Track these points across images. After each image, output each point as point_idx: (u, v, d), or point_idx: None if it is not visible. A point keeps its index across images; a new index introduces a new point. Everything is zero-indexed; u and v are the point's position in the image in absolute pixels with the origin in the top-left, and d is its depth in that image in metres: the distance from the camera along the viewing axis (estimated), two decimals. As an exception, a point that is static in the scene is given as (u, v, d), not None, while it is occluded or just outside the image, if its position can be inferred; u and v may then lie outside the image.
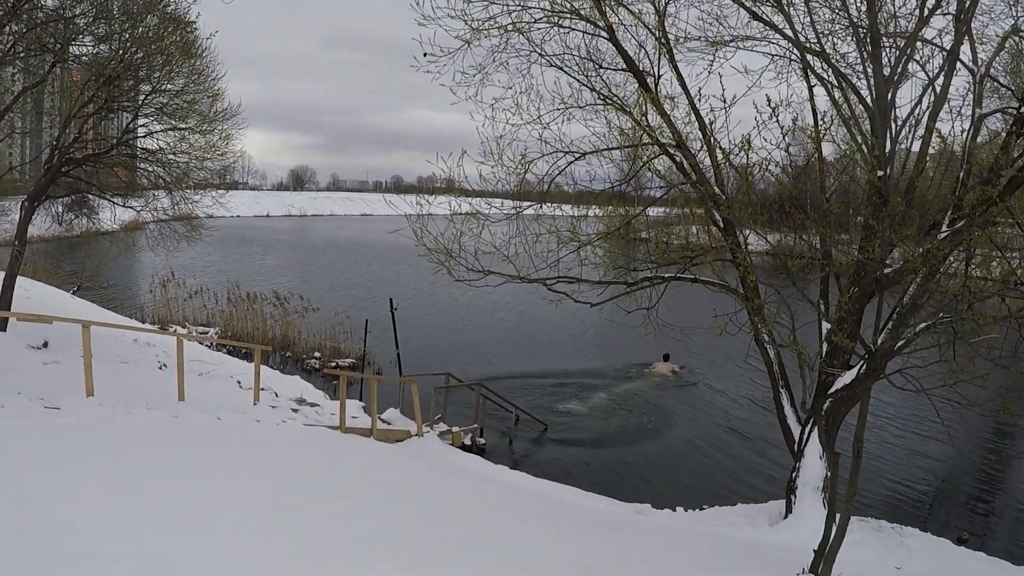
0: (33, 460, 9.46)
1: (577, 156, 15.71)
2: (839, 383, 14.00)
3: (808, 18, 14.24)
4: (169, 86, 22.55)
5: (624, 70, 15.51)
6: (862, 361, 13.20)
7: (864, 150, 13.40)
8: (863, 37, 13.55)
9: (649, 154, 15.86)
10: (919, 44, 13.95)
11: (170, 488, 9.28)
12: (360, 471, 14.40)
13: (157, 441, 12.38)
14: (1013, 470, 22.63)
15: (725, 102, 14.27)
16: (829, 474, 13.37)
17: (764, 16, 14.16)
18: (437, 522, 11.49)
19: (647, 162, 16.09)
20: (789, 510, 14.66)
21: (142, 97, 22.85)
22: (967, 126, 13.55)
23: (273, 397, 21.07)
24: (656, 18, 14.87)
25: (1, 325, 20.23)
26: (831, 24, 14.46)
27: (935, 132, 13.72)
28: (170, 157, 23.48)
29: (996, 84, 14.75)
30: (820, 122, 14.91)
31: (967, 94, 13.72)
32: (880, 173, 12.93)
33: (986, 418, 20.89)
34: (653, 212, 17.95)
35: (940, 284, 13.41)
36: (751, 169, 14.63)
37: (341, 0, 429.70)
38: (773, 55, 14.98)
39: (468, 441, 21.60)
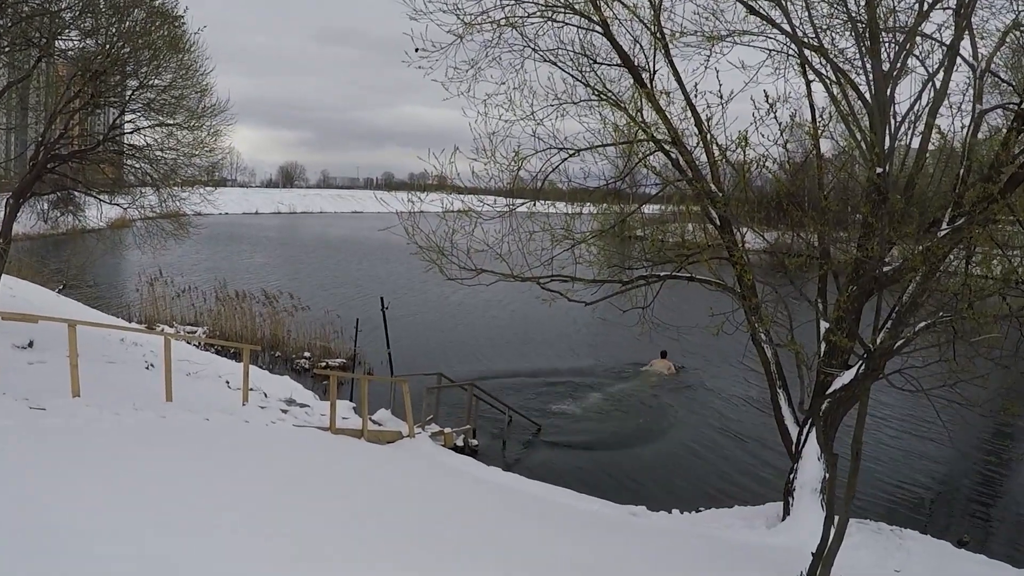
0: (19, 461, 9.40)
1: (571, 153, 15.66)
2: (837, 383, 13.96)
3: (806, 13, 14.19)
4: (156, 81, 22.49)
5: (619, 65, 15.45)
6: (861, 361, 13.17)
7: (863, 146, 13.34)
8: (862, 32, 13.50)
9: (644, 150, 15.80)
10: (919, 39, 13.89)
11: (159, 489, 9.25)
12: (353, 472, 14.38)
13: (145, 442, 12.35)
14: (1014, 472, 22.66)
15: (722, 98, 14.24)
16: (827, 475, 13.33)
17: (761, 10, 14.11)
18: (435, 523, 11.49)
19: (642, 159, 16.02)
20: (787, 512, 14.64)
21: (129, 92, 22.79)
22: (967, 122, 13.54)
23: (262, 398, 20.98)
24: (651, 12, 14.83)
25: (-15, 324, 20.10)
26: (829, 19, 14.42)
27: (935, 128, 13.68)
28: (157, 153, 23.41)
29: (997, 79, 14.72)
30: (818, 118, 14.89)
31: (967, 90, 13.69)
32: (879, 170, 12.89)
33: (987, 419, 20.85)
34: (648, 210, 17.90)
35: (940, 282, 13.41)
36: (748, 166, 14.61)
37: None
38: (770, 50, 14.92)
39: (460, 442, 21.53)
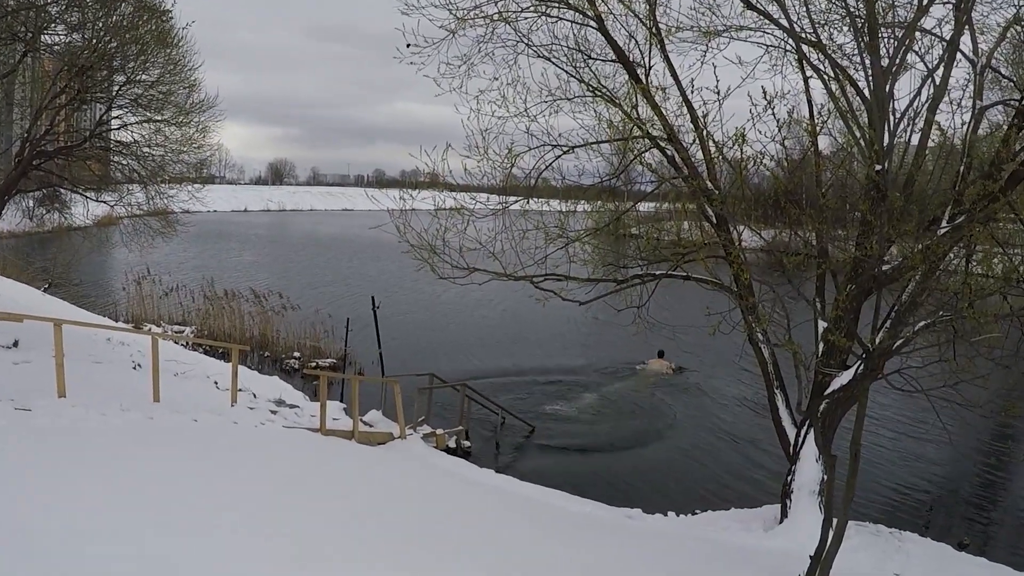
0: (5, 462, 9.36)
1: (565, 150, 15.62)
2: (836, 384, 13.92)
3: (804, 8, 14.20)
4: (144, 76, 22.47)
5: (614, 61, 15.42)
6: (859, 361, 13.14)
7: (861, 143, 13.32)
8: (860, 27, 13.49)
9: (640, 147, 15.77)
10: (918, 34, 13.88)
11: (144, 491, 9.21)
12: (343, 474, 14.35)
13: (132, 443, 12.33)
14: (1015, 473, 22.67)
15: (719, 94, 14.19)
16: (826, 477, 13.29)
17: (758, 5, 14.08)
18: (428, 525, 11.50)
19: (637, 156, 15.99)
20: (784, 515, 14.61)
21: (116, 88, 22.76)
22: (967, 118, 13.49)
23: (251, 398, 20.92)
24: (647, 7, 14.79)
25: (-32, 324, 20.00)
26: (827, 14, 14.43)
27: (935, 125, 13.64)
28: (145, 150, 23.40)
29: (997, 75, 14.71)
30: (816, 115, 14.85)
31: (967, 86, 13.62)
32: (878, 167, 12.87)
33: (987, 420, 20.90)
34: (644, 207, 17.87)
35: (940, 281, 13.37)
36: (745, 163, 14.55)
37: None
38: (768, 46, 14.90)
39: (453, 444, 21.46)
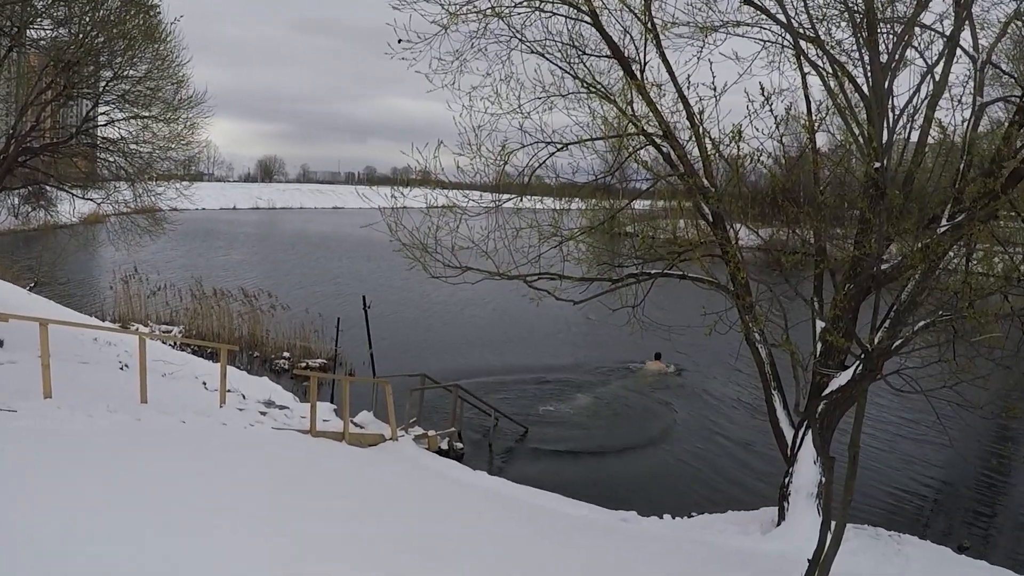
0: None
1: (559, 147, 15.57)
2: (834, 384, 13.89)
3: (802, 3, 14.12)
4: (131, 72, 22.38)
5: (609, 57, 15.37)
6: (858, 361, 13.12)
7: (860, 140, 13.28)
8: (859, 22, 13.45)
9: (635, 144, 15.73)
10: (917, 30, 13.85)
11: (129, 493, 9.17)
12: (334, 476, 14.31)
13: (119, 445, 12.30)
14: (1016, 475, 22.70)
15: (715, 90, 14.13)
16: (824, 479, 13.30)
17: (756, 0, 14.08)
18: (425, 527, 11.50)
19: (632, 153, 15.96)
20: (782, 517, 14.58)
21: (103, 83, 22.67)
22: (968, 115, 13.44)
23: (240, 399, 20.84)
24: (642, 2, 14.70)
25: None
26: (825, 9, 14.35)
27: (934, 122, 13.61)
28: (132, 147, 23.34)
29: (998, 71, 14.71)
30: (814, 111, 14.81)
31: (968, 82, 13.58)
32: (877, 164, 12.83)
33: (988, 421, 20.92)
34: (639, 205, 17.86)
35: (940, 281, 13.33)
36: (742, 160, 14.51)
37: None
38: (765, 41, 14.84)
39: (445, 445, 21.39)
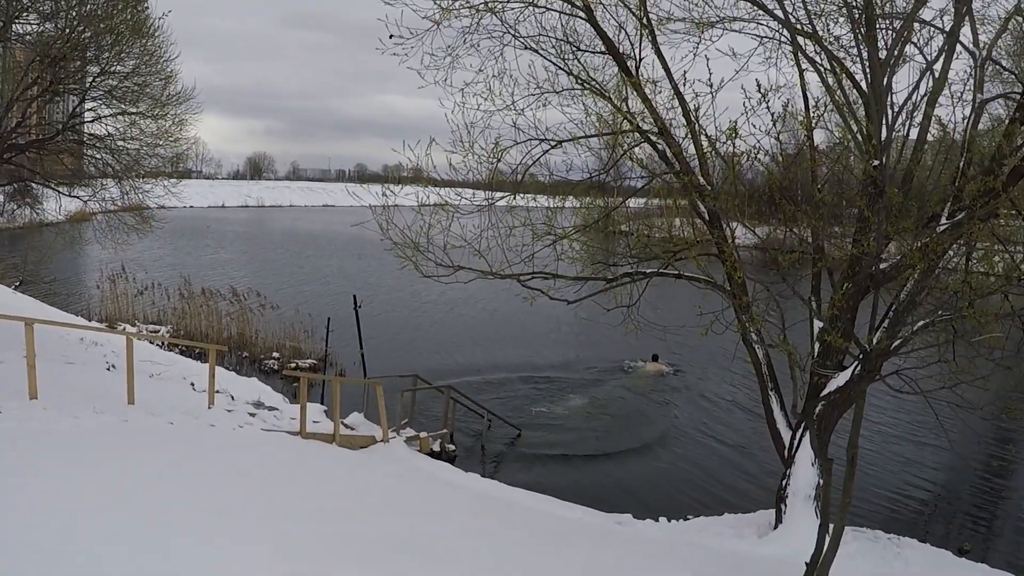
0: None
1: (553, 144, 15.54)
2: (832, 385, 13.89)
3: (800, -3, 14.17)
4: (119, 67, 22.30)
5: (603, 53, 15.34)
6: (856, 362, 13.12)
7: (859, 138, 13.26)
8: (857, 18, 13.44)
9: (630, 142, 15.73)
10: (917, 25, 13.84)
11: (120, 496, 9.17)
12: (324, 479, 14.29)
13: (106, 446, 12.29)
14: (1016, 477, 22.73)
15: (711, 87, 14.10)
16: (822, 482, 13.29)
17: (753, -5, 14.07)
18: (417, 529, 11.52)
19: (627, 150, 15.96)
20: (779, 520, 14.56)
21: (90, 79, 22.58)
22: (968, 112, 13.46)
23: (229, 400, 20.76)
24: (638, -3, 14.75)
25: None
26: (823, 4, 14.33)
27: (934, 119, 13.63)
28: (119, 143, 23.24)
29: (998, 68, 14.72)
30: (812, 108, 14.80)
31: (968, 78, 13.61)
32: (875, 162, 12.81)
33: (988, 422, 20.96)
34: (634, 203, 17.84)
35: (939, 280, 13.35)
36: (738, 158, 14.50)
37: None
38: (762, 37, 14.84)
39: (437, 447, 21.31)
